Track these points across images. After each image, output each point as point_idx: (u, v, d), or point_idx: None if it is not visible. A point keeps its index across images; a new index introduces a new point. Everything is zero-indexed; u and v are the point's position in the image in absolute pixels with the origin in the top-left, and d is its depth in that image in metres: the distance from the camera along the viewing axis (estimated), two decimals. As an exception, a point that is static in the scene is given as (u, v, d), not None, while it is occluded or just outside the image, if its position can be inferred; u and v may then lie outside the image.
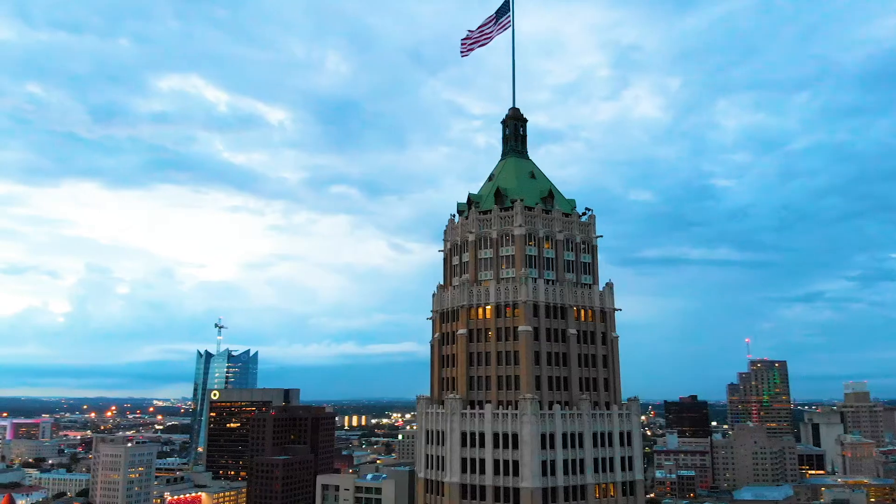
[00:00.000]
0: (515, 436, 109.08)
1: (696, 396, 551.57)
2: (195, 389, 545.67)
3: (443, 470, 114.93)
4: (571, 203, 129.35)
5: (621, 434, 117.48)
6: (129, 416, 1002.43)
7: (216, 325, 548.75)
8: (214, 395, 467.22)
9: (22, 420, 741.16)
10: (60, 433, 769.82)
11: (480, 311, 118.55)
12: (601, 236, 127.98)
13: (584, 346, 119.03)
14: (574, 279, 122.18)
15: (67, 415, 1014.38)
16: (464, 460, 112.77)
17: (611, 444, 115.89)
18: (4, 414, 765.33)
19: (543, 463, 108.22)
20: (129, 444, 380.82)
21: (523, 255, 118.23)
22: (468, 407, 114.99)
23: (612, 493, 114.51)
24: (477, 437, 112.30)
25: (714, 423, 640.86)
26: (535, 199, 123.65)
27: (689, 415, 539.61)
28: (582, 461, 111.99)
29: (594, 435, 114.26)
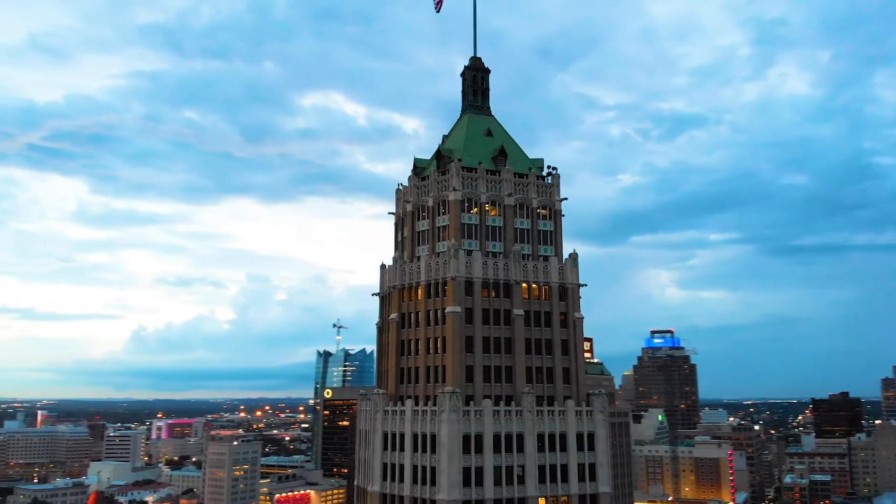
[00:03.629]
0: (435, 437, 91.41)
1: (847, 393, 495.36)
2: (315, 389, 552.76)
3: (366, 476, 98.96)
4: (537, 162, 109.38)
5: (580, 436, 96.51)
6: (281, 416, 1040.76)
7: (334, 326, 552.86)
8: (327, 393, 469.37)
9: (176, 420, 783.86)
10: (212, 433, 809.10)
11: (413, 292, 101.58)
12: (565, 199, 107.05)
13: (536, 330, 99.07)
14: (528, 250, 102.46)
15: (227, 415, 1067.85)
16: (385, 465, 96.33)
17: (564, 449, 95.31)
18: (160, 415, 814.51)
19: (466, 470, 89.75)
20: (235, 443, 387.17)
21: (458, 224, 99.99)
22: (391, 403, 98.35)
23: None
24: (398, 439, 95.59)
25: (878, 422, 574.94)
26: (483, 159, 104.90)
27: (839, 413, 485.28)
28: (522, 469, 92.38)
29: (541, 437, 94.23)
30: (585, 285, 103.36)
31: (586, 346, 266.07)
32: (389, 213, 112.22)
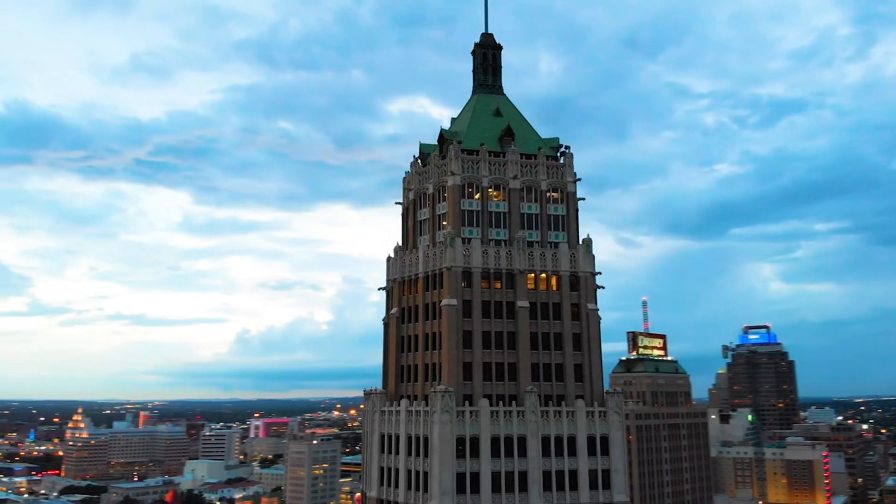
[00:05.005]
0: (428, 439, 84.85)
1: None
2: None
3: (367, 480, 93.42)
4: (550, 142, 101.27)
5: (592, 439, 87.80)
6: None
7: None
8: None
9: (273, 419, 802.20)
10: (307, 431, 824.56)
11: (412, 285, 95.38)
12: (579, 179, 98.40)
13: (543, 323, 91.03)
14: (536, 237, 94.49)
15: (323, 414, 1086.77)
16: (381, 469, 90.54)
17: (573, 454, 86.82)
18: (257, 414, 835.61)
19: (461, 476, 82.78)
20: (315, 442, 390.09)
21: (457, 211, 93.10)
22: (388, 403, 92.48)
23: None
24: (393, 441, 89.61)
25: None
26: (488, 140, 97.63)
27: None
28: (524, 475, 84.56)
29: (546, 440, 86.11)
30: (600, 273, 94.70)
31: (659, 342, 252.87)
32: (396, 202, 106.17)
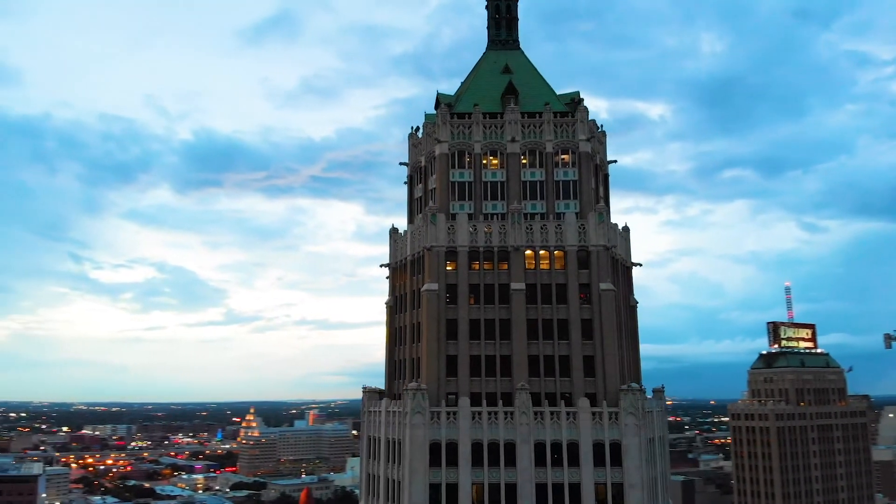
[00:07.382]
0: (401, 444, 73.93)
1: None
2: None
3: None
4: (564, 97, 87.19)
5: (599, 446, 72.85)
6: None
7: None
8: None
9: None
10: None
11: (403, 269, 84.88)
12: (591, 137, 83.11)
13: (545, 309, 77.21)
14: (541, 208, 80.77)
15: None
16: (368, 476, 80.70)
17: (576, 464, 72.39)
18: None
19: (435, 487, 71.13)
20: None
21: (445, 183, 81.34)
22: (374, 403, 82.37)
23: (580, 540, 71.24)
24: (376, 445, 79.49)
25: None
26: (484, 100, 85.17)
27: None
28: (512, 488, 71.42)
29: (541, 447, 72.43)
30: (614, 246, 79.44)
31: (806, 333, 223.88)
32: (404, 182, 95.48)
